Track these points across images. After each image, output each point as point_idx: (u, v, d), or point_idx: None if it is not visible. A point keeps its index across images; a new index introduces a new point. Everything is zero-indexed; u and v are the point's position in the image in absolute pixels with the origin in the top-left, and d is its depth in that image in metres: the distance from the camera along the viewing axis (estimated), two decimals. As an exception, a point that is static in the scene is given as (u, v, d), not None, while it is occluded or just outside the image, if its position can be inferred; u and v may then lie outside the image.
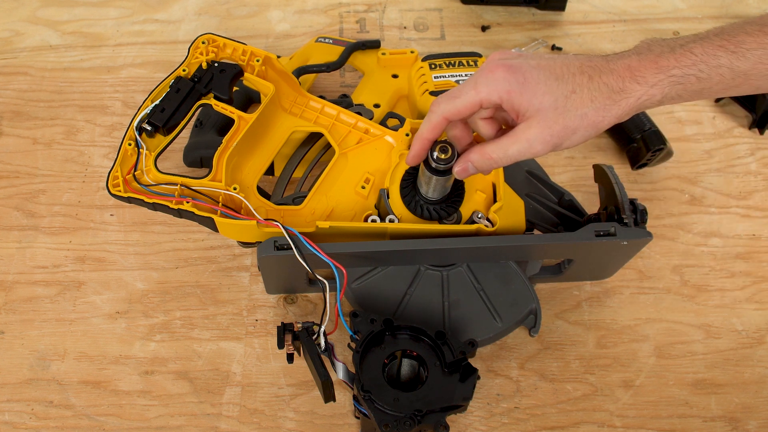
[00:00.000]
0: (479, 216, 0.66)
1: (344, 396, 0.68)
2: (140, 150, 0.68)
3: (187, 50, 0.72)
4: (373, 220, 0.66)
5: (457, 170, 0.60)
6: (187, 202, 0.65)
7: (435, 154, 0.60)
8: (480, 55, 0.81)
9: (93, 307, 0.74)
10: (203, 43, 0.72)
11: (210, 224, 0.66)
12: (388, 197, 0.67)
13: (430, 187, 0.63)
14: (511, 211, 0.67)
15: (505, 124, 0.60)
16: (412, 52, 0.83)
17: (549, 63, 0.55)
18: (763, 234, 0.79)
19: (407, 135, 0.69)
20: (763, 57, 0.51)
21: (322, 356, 0.60)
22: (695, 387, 0.69)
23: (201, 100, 0.71)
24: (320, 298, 0.74)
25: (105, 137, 0.86)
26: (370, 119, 0.76)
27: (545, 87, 0.53)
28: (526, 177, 0.73)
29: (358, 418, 0.66)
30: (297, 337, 0.62)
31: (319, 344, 0.61)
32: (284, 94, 0.74)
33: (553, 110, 0.54)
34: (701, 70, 0.52)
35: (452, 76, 0.79)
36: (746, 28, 0.52)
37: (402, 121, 0.76)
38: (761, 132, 0.86)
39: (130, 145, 0.68)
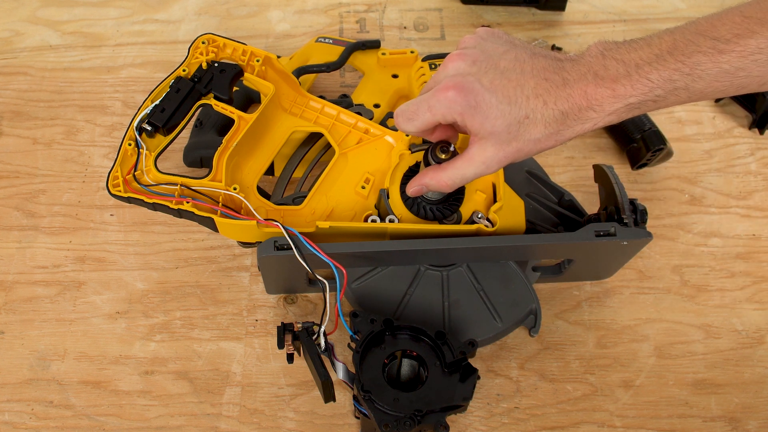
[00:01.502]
0: (479, 216, 0.66)
1: (344, 396, 0.68)
2: (140, 150, 0.68)
3: (187, 50, 0.72)
4: (373, 220, 0.66)
5: (411, 192, 0.62)
6: (187, 202, 0.65)
7: (435, 153, 0.60)
8: (480, 55, 0.81)
9: (93, 307, 0.74)
10: (203, 43, 0.73)
11: (210, 224, 0.66)
12: (388, 197, 0.67)
13: (430, 187, 0.64)
14: (511, 211, 0.67)
15: None
16: (412, 52, 0.83)
17: (503, 82, 0.53)
18: (763, 234, 0.79)
19: (407, 135, 0.69)
20: (719, 75, 0.50)
21: (322, 356, 0.60)
22: (695, 387, 0.69)
23: (201, 100, 0.71)
24: (320, 298, 0.74)
25: (105, 137, 0.86)
26: (370, 119, 0.76)
27: (497, 111, 0.53)
28: (526, 177, 0.73)
29: (358, 418, 0.66)
30: (297, 337, 0.62)
31: (319, 344, 0.61)
32: (284, 94, 0.74)
33: (506, 134, 0.53)
34: (658, 95, 0.51)
35: (452, 76, 0.79)
36: (700, 45, 0.50)
37: (402, 121, 0.76)
38: (761, 132, 0.86)
39: (130, 145, 0.68)
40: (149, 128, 0.68)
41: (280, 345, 0.62)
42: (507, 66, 0.54)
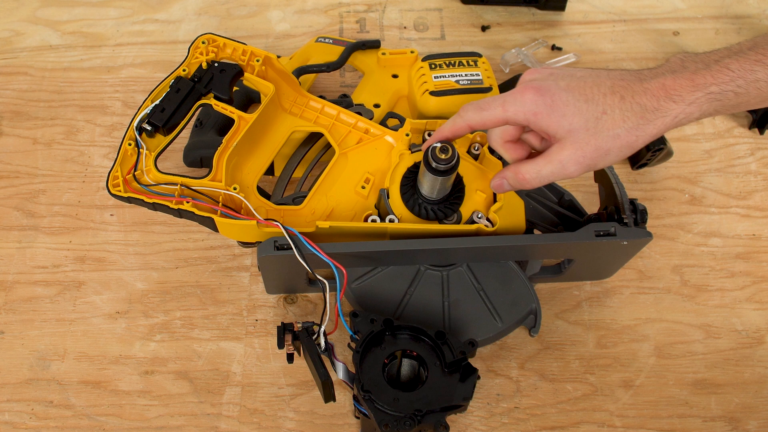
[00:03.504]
0: (479, 216, 0.66)
1: (344, 396, 0.68)
2: (140, 150, 0.68)
3: (187, 50, 0.72)
4: (373, 220, 0.66)
5: (493, 185, 0.62)
6: (187, 202, 0.65)
7: (435, 154, 0.60)
8: (480, 55, 0.81)
9: (93, 307, 0.74)
10: (203, 43, 0.72)
11: (210, 224, 0.66)
12: (388, 197, 0.67)
13: (431, 187, 0.63)
14: (511, 211, 0.67)
15: (533, 149, 0.61)
16: (412, 52, 0.83)
17: (579, 84, 0.54)
18: (763, 234, 0.79)
19: (407, 135, 0.69)
20: None
21: (322, 356, 0.60)
22: (695, 387, 0.69)
23: (201, 100, 0.71)
24: (320, 298, 0.74)
25: (105, 137, 0.86)
26: (370, 119, 0.76)
27: (574, 109, 0.53)
28: (526, 177, 0.73)
29: (358, 418, 0.66)
30: (297, 337, 0.62)
31: (319, 344, 0.61)
32: (284, 94, 0.74)
33: (584, 131, 0.53)
34: (739, 85, 0.52)
35: (452, 76, 0.79)
36: None
37: (402, 121, 0.76)
38: (761, 132, 0.86)
39: (130, 145, 0.68)
40: (149, 128, 0.68)
41: (280, 345, 0.62)
42: (583, 74, 0.56)
